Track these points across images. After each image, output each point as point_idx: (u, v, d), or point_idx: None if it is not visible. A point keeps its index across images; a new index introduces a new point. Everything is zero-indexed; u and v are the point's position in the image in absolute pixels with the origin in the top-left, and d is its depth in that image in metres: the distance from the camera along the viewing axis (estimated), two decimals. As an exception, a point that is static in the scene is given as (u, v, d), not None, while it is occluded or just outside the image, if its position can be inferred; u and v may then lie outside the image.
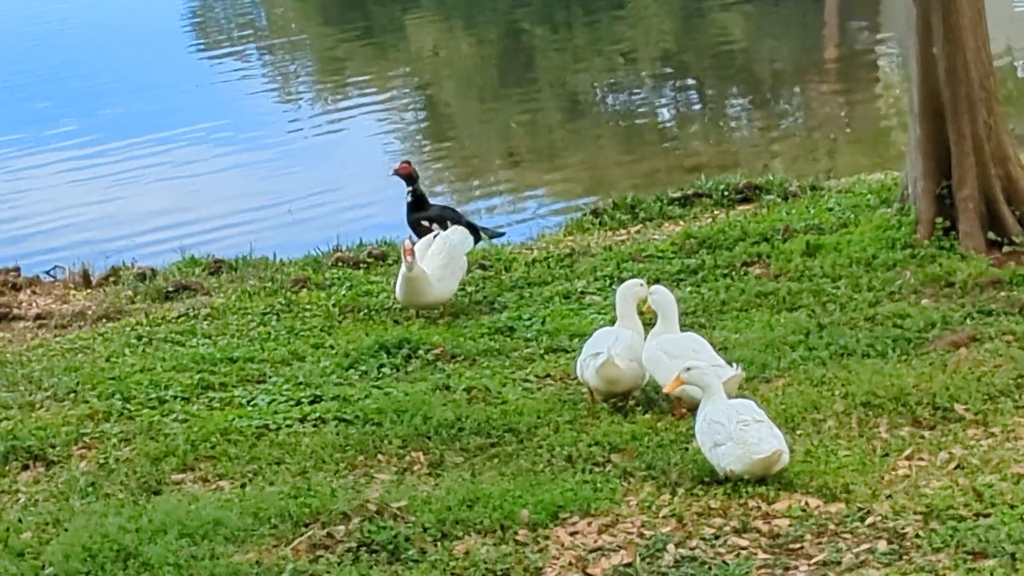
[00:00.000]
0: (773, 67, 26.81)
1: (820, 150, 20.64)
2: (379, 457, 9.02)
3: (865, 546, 7.48)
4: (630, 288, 9.94)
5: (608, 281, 12.41)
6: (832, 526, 7.72)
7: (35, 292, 14.34)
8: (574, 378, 9.96)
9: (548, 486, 8.27)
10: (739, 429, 8.14)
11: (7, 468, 9.29)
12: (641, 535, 7.79)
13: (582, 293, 12.35)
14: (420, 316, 12.02)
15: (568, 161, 20.69)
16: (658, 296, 9.74)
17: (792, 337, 10.47)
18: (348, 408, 9.72)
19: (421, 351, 10.87)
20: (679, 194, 15.50)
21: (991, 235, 12.07)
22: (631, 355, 9.53)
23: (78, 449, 9.49)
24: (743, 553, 7.51)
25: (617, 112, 24.75)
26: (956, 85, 12.09)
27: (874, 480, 8.18)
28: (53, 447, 9.48)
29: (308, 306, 12.58)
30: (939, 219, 12.21)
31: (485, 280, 13.05)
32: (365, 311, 12.31)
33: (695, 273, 12.46)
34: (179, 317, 12.63)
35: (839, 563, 7.34)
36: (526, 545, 7.70)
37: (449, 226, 12.91)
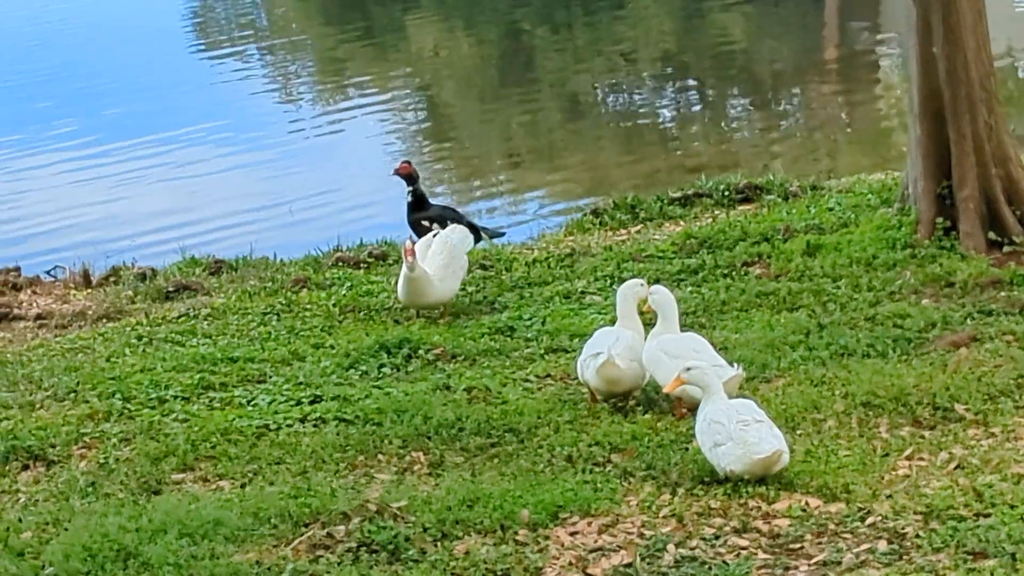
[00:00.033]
0: (773, 67, 26.81)
1: (820, 150, 20.63)
2: (379, 457, 9.02)
3: (865, 546, 7.47)
4: (631, 288, 9.94)
5: (608, 281, 12.41)
6: (832, 526, 7.72)
7: (35, 292, 14.34)
8: (574, 378, 9.96)
9: (548, 486, 8.27)
10: (739, 429, 8.13)
11: (7, 468, 9.29)
12: (641, 535, 7.78)
13: (582, 293, 12.35)
14: (420, 316, 12.02)
15: (569, 161, 20.69)
16: (658, 296, 9.73)
17: (792, 337, 10.46)
18: (348, 408, 9.72)
19: (421, 351, 10.87)
20: (679, 194, 15.49)
21: (991, 235, 12.07)
22: (631, 355, 9.53)
23: (78, 449, 9.49)
24: (743, 553, 7.51)
25: (618, 112, 24.74)
26: (956, 85, 12.09)
27: (874, 480, 8.18)
28: (53, 447, 9.48)
29: (308, 306, 12.58)
30: (939, 219, 12.21)
31: (485, 280, 13.05)
32: (365, 311, 12.31)
33: (695, 273, 12.45)
34: (179, 317, 12.63)
35: (839, 563, 7.34)
36: (526, 545, 7.70)
37: (449, 225, 12.90)
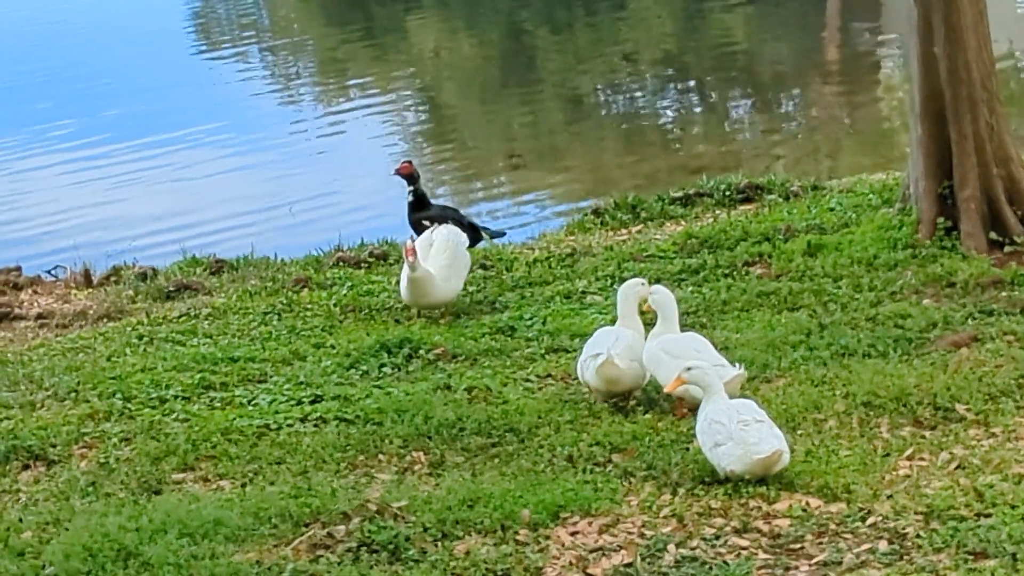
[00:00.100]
0: (775, 68, 26.81)
1: (822, 150, 20.64)
2: (380, 457, 9.02)
3: (866, 546, 7.47)
4: (631, 288, 9.93)
5: (609, 281, 12.41)
6: (833, 526, 7.72)
7: (36, 292, 14.34)
8: (575, 378, 9.96)
9: (549, 486, 8.26)
10: (739, 429, 8.13)
11: (8, 467, 9.28)
12: (642, 535, 7.78)
13: (583, 293, 12.35)
14: (421, 316, 12.02)
15: (570, 162, 20.69)
16: (658, 296, 9.73)
17: (793, 337, 10.46)
18: (349, 408, 9.72)
19: (422, 351, 10.87)
20: (680, 194, 15.50)
21: (993, 235, 12.07)
22: (631, 355, 9.52)
23: (79, 448, 9.48)
24: (744, 553, 7.50)
25: (619, 113, 24.74)
26: (957, 85, 12.08)
27: (875, 480, 8.17)
28: (54, 446, 9.48)
29: (309, 306, 12.58)
30: (941, 219, 12.21)
31: (486, 280, 13.05)
32: (366, 311, 12.31)
33: (696, 273, 12.45)
34: (180, 317, 12.63)
35: (840, 563, 7.33)
36: (527, 545, 7.70)
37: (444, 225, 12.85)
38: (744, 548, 7.56)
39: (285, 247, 15.56)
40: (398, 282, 12.30)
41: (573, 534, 7.82)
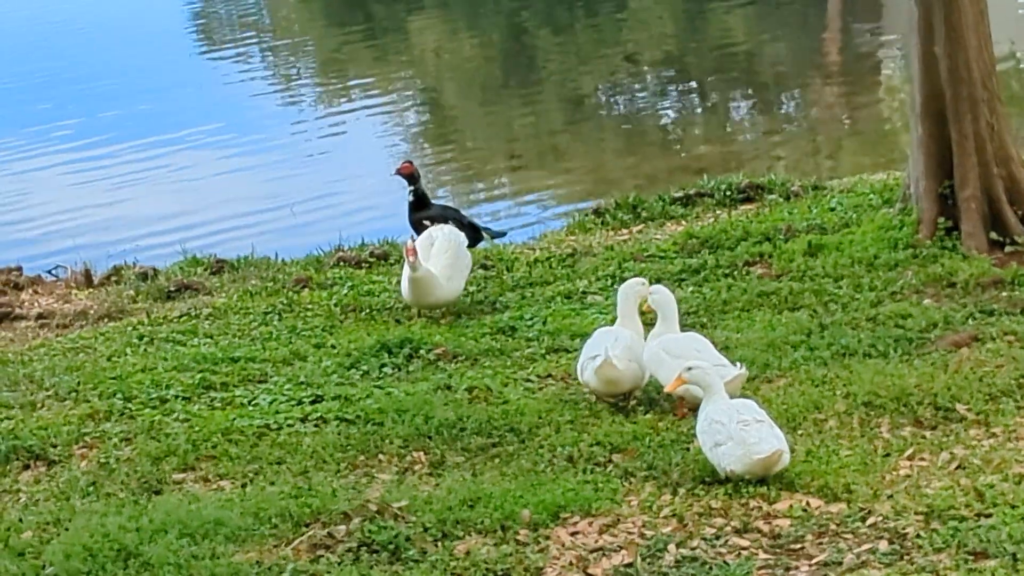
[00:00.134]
0: (775, 68, 26.81)
1: (822, 150, 20.63)
2: (380, 457, 9.01)
3: (866, 546, 7.46)
4: (632, 287, 9.92)
5: (610, 281, 12.40)
6: (833, 526, 7.71)
7: (37, 292, 14.35)
8: (575, 378, 9.95)
9: (549, 486, 8.26)
10: (739, 429, 8.12)
11: (8, 467, 9.28)
12: (642, 535, 7.78)
13: (584, 293, 12.34)
14: (422, 316, 12.01)
15: (571, 163, 20.69)
16: (658, 296, 9.73)
17: (794, 337, 10.46)
18: (349, 408, 9.71)
19: (423, 351, 10.86)
20: (681, 194, 15.50)
21: (993, 235, 12.06)
22: (630, 355, 9.51)
23: (79, 448, 9.48)
24: (744, 553, 7.50)
25: (620, 113, 24.74)
26: (958, 85, 12.08)
27: (875, 480, 8.17)
28: (54, 446, 9.48)
29: (310, 306, 12.57)
30: (941, 219, 12.20)
31: (487, 280, 13.04)
32: (367, 311, 12.31)
33: (697, 273, 12.45)
34: (181, 317, 12.62)
35: (840, 563, 7.33)
36: (527, 545, 7.69)
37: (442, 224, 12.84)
38: (744, 548, 7.55)
39: (286, 247, 15.56)
40: (399, 282, 12.29)
41: (573, 534, 7.82)
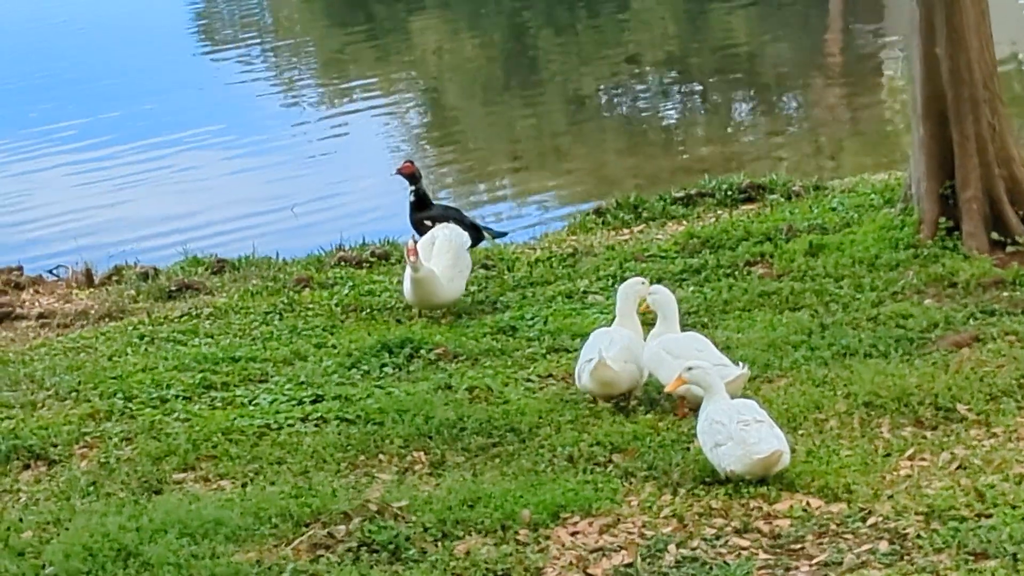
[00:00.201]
0: (777, 68, 26.81)
1: (824, 150, 20.63)
2: (380, 457, 9.01)
3: (866, 546, 7.46)
4: (632, 286, 9.91)
5: (611, 281, 12.39)
6: (833, 526, 7.70)
7: (38, 291, 14.35)
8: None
9: (549, 486, 8.25)
10: (739, 429, 8.12)
11: (9, 467, 9.28)
12: (642, 535, 7.77)
13: (585, 293, 12.34)
14: (423, 316, 12.01)
15: (573, 163, 20.68)
16: (659, 296, 9.72)
17: (795, 337, 10.45)
18: (350, 408, 9.71)
19: (423, 351, 10.86)
20: (682, 194, 15.50)
21: (994, 235, 12.06)
22: (626, 356, 9.48)
23: (79, 448, 9.48)
24: (744, 553, 7.49)
25: (622, 114, 24.73)
26: (959, 85, 12.08)
27: (876, 480, 8.16)
28: (55, 446, 9.47)
29: (311, 305, 12.57)
30: (942, 219, 12.20)
31: (488, 280, 13.04)
32: (368, 310, 12.31)
33: (698, 273, 12.45)
34: (181, 316, 12.62)
35: (840, 563, 7.32)
36: (527, 545, 7.69)
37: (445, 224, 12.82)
38: (744, 548, 7.55)
39: (287, 248, 15.56)
40: (400, 282, 12.29)
41: (573, 534, 7.81)
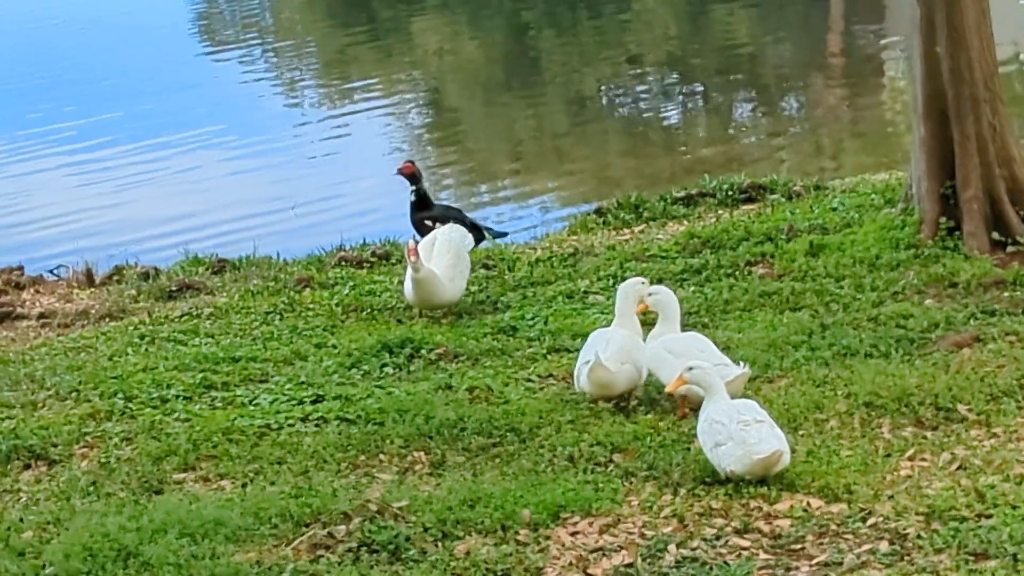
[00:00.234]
0: (778, 68, 26.81)
1: (825, 150, 20.63)
2: (381, 457, 9.01)
3: (867, 547, 7.45)
4: (632, 286, 9.90)
5: (611, 281, 12.38)
6: (834, 527, 7.70)
7: (38, 291, 14.35)
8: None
9: (549, 486, 8.25)
10: (740, 429, 8.11)
11: (9, 467, 9.28)
12: (642, 535, 7.77)
13: (585, 293, 12.34)
14: (423, 316, 12.01)
15: (574, 164, 20.68)
16: (660, 296, 9.71)
17: (795, 337, 10.45)
18: (350, 408, 9.71)
19: (424, 351, 10.86)
20: (683, 194, 15.50)
21: (995, 235, 12.06)
22: (623, 357, 9.46)
23: (80, 448, 9.48)
24: (744, 554, 7.49)
25: (623, 114, 24.73)
26: (960, 85, 12.07)
27: (876, 481, 8.16)
28: (55, 446, 9.47)
29: (311, 305, 12.57)
30: (943, 219, 12.20)
31: (488, 280, 13.04)
32: (368, 310, 12.31)
33: (699, 273, 12.45)
34: (182, 316, 12.62)
35: (840, 564, 7.31)
36: (527, 545, 7.69)
37: (448, 224, 12.84)
38: (745, 548, 7.54)
39: (288, 248, 15.56)
40: (401, 282, 12.30)
41: (573, 534, 7.81)
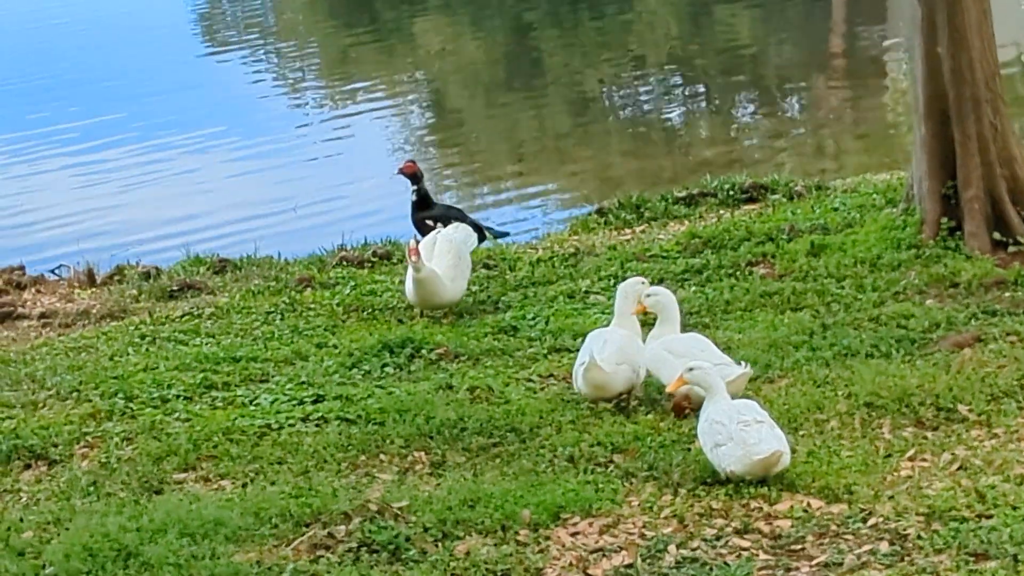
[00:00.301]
0: (780, 68, 26.80)
1: (826, 150, 20.63)
2: (381, 457, 9.01)
3: (867, 547, 7.45)
4: (632, 286, 9.90)
5: (612, 281, 12.36)
6: (834, 527, 7.69)
7: (39, 291, 14.35)
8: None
9: (550, 486, 8.25)
10: (739, 429, 8.11)
11: (9, 467, 9.28)
12: (642, 536, 7.76)
13: (586, 293, 12.34)
14: (424, 316, 12.00)
15: (576, 164, 20.67)
16: (659, 296, 9.71)
17: (796, 337, 10.45)
18: (351, 408, 9.71)
19: (424, 351, 10.86)
20: (684, 193, 15.49)
21: (996, 235, 12.05)
22: (620, 357, 9.45)
23: (80, 448, 9.48)
24: (744, 554, 7.49)
25: (625, 114, 24.73)
26: (961, 85, 12.07)
27: (876, 481, 8.15)
28: (55, 446, 9.47)
29: (312, 305, 12.57)
30: (944, 219, 12.19)
31: (489, 279, 13.04)
32: (369, 310, 12.31)
33: (700, 273, 12.44)
34: (183, 316, 12.62)
35: (841, 564, 7.31)
36: (527, 545, 7.68)
37: (451, 224, 12.85)
38: (745, 549, 7.54)
39: (289, 248, 15.56)
40: (402, 282, 12.29)
41: (574, 535, 7.81)
